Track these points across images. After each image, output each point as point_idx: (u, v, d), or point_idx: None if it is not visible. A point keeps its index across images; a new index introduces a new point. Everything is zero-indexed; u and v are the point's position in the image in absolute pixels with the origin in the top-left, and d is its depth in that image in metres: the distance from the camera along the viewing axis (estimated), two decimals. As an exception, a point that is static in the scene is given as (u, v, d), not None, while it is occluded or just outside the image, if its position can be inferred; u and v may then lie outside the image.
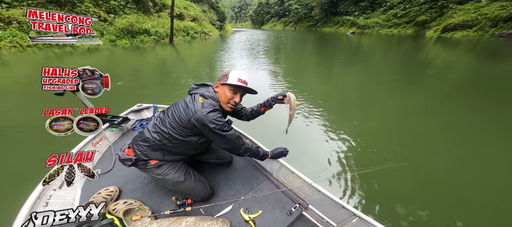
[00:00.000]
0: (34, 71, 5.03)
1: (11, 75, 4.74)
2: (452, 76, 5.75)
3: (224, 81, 0.98)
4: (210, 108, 0.93)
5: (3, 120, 2.63)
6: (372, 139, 2.60)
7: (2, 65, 5.51)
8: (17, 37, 7.63)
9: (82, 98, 1.36)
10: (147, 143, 1.01)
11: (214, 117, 0.92)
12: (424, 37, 19.75)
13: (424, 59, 8.43)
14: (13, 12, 7.87)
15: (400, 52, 10.92)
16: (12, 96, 3.54)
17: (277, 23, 62.37)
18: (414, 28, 24.50)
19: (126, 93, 4.00)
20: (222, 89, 1.00)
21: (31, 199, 0.90)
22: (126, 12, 12.29)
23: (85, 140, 1.39)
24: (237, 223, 1.03)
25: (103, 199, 1.03)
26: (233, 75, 0.98)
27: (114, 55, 8.15)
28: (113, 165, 1.36)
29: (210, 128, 0.92)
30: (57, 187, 1.06)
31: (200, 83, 1.06)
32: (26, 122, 2.62)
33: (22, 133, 2.38)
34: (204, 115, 0.90)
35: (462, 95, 4.29)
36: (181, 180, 1.07)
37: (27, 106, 3.13)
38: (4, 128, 2.46)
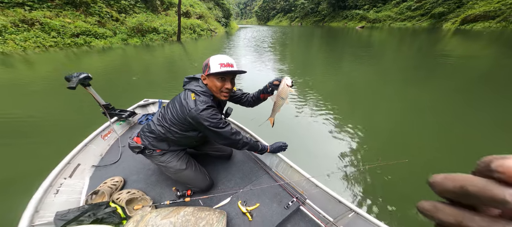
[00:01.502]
0: (55, 69, 5.33)
1: (35, 74, 5.07)
2: (474, 70, 5.28)
3: (207, 72, 0.91)
4: (204, 105, 0.90)
5: (27, 113, 2.85)
6: (377, 135, 2.49)
7: (28, 64, 5.90)
8: (40, 38, 8.09)
9: (93, 93, 1.44)
10: (154, 134, 1.05)
11: (208, 115, 0.90)
12: (440, 30, 18.27)
13: (442, 51, 7.83)
14: (35, 14, 8.31)
15: (415, 45, 10.18)
16: (36, 93, 3.80)
17: (283, 19, 60.67)
18: (430, 20, 22.77)
19: (135, 89, 4.14)
20: (210, 80, 0.94)
21: (43, 186, 0.97)
22: (136, 11, 12.53)
23: (95, 132, 1.46)
24: (234, 215, 1.05)
25: (109, 188, 1.09)
26: (214, 63, 0.89)
27: (127, 54, 8.41)
28: (120, 156, 1.42)
29: (205, 125, 0.92)
30: (68, 176, 1.13)
31: (191, 76, 1.03)
32: (46, 116, 2.81)
33: (40, 126, 2.56)
34: (198, 113, 0.89)
35: (485, 91, 3.88)
36: (183, 168, 1.10)
37: (50, 101, 3.35)
38: (25, 121, 2.65)
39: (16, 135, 2.35)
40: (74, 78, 1.25)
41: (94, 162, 1.34)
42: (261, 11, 73.59)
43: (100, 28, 9.96)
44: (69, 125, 2.56)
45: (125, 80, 4.84)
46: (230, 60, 0.94)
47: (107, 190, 1.08)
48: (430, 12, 22.90)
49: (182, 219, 0.90)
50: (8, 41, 7.35)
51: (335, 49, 10.00)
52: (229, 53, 9.11)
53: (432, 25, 21.71)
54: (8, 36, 7.45)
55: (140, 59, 7.44)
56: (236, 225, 1.00)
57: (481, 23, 16.93)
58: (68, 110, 3.00)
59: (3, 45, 7.17)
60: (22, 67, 5.55)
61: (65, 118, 2.79)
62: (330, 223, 0.99)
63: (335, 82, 4.78)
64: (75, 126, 2.49)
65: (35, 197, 0.91)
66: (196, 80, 1.01)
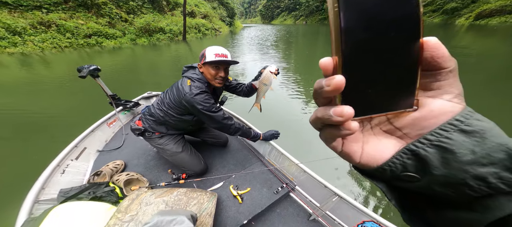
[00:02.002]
0: (70, 68, 5.61)
1: (52, 73, 5.36)
2: (493, 65, 4.96)
3: (203, 61, 0.98)
4: (197, 90, 0.97)
5: (46, 108, 3.03)
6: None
7: (46, 64, 6.25)
8: (56, 39, 8.52)
9: (101, 84, 1.53)
10: (153, 117, 1.12)
11: (201, 99, 0.97)
12: (453, 25, 17.30)
13: (456, 47, 7.39)
14: (51, 16, 8.75)
15: None
16: (52, 90, 4.03)
17: (288, 18, 59.89)
18: (442, 16, 21.59)
19: (141, 84, 4.28)
20: (205, 69, 1.00)
21: (51, 166, 1.04)
22: (143, 12, 12.86)
23: (101, 119, 1.54)
24: (225, 198, 1.07)
25: (110, 170, 1.15)
26: (209, 53, 0.96)
27: (135, 53, 8.68)
28: (123, 143, 1.49)
29: (198, 109, 0.97)
30: (74, 158, 1.20)
31: (189, 65, 1.09)
32: (58, 111, 2.98)
33: (53, 118, 2.71)
34: (192, 97, 0.96)
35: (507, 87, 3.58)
36: (179, 151, 1.15)
37: (65, 97, 3.54)
38: (40, 115, 2.83)
39: (34, 127, 2.51)
40: (85, 69, 1.35)
41: (99, 146, 1.42)
42: (265, 10, 73.00)
43: (110, 29, 10.33)
44: (80, 116, 2.70)
45: (133, 77, 5.02)
46: (225, 51, 1.00)
47: (109, 171, 1.13)
48: (442, 8, 21.72)
49: (175, 198, 0.94)
50: (27, 43, 7.81)
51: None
52: (233, 51, 9.14)
53: (444, 21, 20.57)
54: (28, 37, 7.91)
55: (147, 59, 7.65)
56: (227, 206, 1.03)
57: (497, 18, 15.84)
58: (80, 105, 3.16)
59: (23, 47, 7.62)
60: (40, 67, 5.89)
61: (77, 110, 2.94)
62: (317, 208, 0.99)
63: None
64: (84, 117, 2.62)
65: (43, 176, 0.98)
66: (193, 68, 1.07)
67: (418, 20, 0.13)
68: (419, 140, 0.15)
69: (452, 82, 0.15)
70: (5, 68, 5.54)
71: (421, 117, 0.15)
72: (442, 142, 0.14)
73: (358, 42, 0.13)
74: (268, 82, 0.96)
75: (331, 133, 0.16)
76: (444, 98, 0.15)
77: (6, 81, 4.39)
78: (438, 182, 0.14)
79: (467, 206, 0.14)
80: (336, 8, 0.13)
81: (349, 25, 0.13)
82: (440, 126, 0.14)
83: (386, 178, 0.17)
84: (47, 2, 8.94)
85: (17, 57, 6.74)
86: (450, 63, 0.14)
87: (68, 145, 1.21)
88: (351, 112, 0.14)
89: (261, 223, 0.99)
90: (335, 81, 0.14)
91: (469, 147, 0.13)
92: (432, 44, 0.14)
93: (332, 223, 0.95)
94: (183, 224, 0.70)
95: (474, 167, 0.13)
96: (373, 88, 0.15)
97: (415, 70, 0.14)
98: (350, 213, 0.89)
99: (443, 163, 0.14)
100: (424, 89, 0.15)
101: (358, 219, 0.85)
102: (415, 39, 0.14)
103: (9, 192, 1.47)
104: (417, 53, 0.14)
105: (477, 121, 0.14)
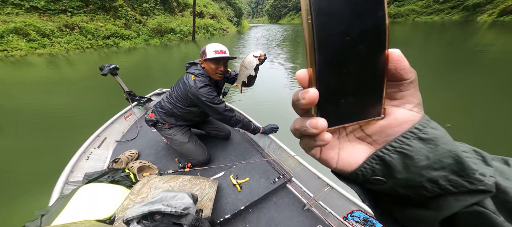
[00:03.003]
0: (89, 67, 6.01)
1: (76, 73, 5.78)
2: None
3: (204, 58, 1.05)
4: (201, 84, 1.05)
5: (71, 105, 3.31)
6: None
7: (70, 63, 6.74)
8: (79, 40, 9.11)
9: (119, 81, 1.69)
10: (164, 110, 1.23)
11: (205, 92, 1.05)
12: (474, 22, 15.82)
13: (478, 45, 6.76)
14: (75, 19, 9.34)
15: (444, 39, 8.88)
16: (75, 87, 4.37)
17: (295, 17, 58.44)
18: (462, 13, 19.78)
19: (153, 81, 4.49)
20: (206, 64, 1.08)
21: (78, 153, 1.18)
22: (155, 13, 13.26)
23: (119, 113, 1.68)
24: (225, 186, 1.15)
25: (126, 158, 1.27)
26: (209, 50, 1.03)
27: (148, 53, 9.04)
28: (137, 134, 1.62)
29: (202, 100, 1.07)
30: (97, 146, 1.35)
31: (192, 62, 1.17)
32: (81, 107, 3.24)
33: (77, 114, 2.96)
34: (197, 90, 1.05)
35: None
36: (185, 141, 1.25)
37: (86, 94, 3.83)
38: (69, 112, 3.09)
39: (61, 119, 2.77)
40: (106, 67, 1.52)
41: (117, 137, 1.56)
42: (272, 10, 71.76)
43: (126, 30, 10.81)
44: (99, 109, 2.93)
45: (146, 73, 5.27)
46: (223, 47, 1.06)
47: (125, 159, 1.26)
48: (463, 4, 19.92)
49: (180, 184, 1.03)
50: (55, 44, 8.43)
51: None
52: (238, 52, 9.19)
53: (465, 18, 18.86)
54: (55, 39, 8.53)
55: (159, 58, 7.95)
56: (226, 194, 1.10)
57: (524, 13, 14.21)
58: (100, 99, 3.42)
59: (51, 48, 8.24)
60: (65, 66, 6.36)
61: (97, 104, 3.19)
62: (311, 198, 1.03)
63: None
64: (103, 110, 2.83)
65: (72, 161, 1.12)
66: (195, 64, 1.15)
67: (384, 31, 0.14)
68: (385, 147, 0.16)
69: (412, 92, 0.16)
70: (34, 67, 6.05)
71: (387, 124, 0.16)
72: (404, 148, 0.15)
73: (331, 55, 0.14)
74: (249, 66, 0.96)
75: (308, 143, 0.17)
76: (406, 107, 0.16)
77: (35, 80, 4.82)
78: (401, 185, 0.15)
79: (424, 205, 0.15)
80: (309, 21, 0.13)
81: (322, 37, 0.13)
82: (403, 133, 0.15)
83: (359, 181, 0.17)
84: (71, 6, 9.54)
85: (45, 57, 7.32)
86: (411, 74, 0.15)
87: (92, 135, 1.35)
88: (325, 124, 0.15)
89: (258, 210, 1.05)
90: (309, 95, 0.14)
91: (425, 153, 0.14)
92: (396, 56, 0.15)
93: (324, 213, 0.98)
94: (184, 199, 0.78)
95: (429, 171, 0.14)
96: (346, 98, 0.15)
97: (382, 81, 0.15)
98: (340, 202, 0.92)
99: (404, 168, 0.15)
100: (390, 98, 0.16)
101: (348, 208, 0.88)
102: (382, 51, 0.14)
103: (44, 176, 1.66)
104: (384, 65, 0.15)
105: (432, 129, 0.15)
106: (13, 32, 7.54)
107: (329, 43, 0.13)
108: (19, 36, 7.67)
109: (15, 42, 7.47)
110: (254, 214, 1.03)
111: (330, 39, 0.13)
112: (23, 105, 3.17)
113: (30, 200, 1.43)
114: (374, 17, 0.13)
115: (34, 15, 8.52)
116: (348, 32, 0.13)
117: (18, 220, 0.89)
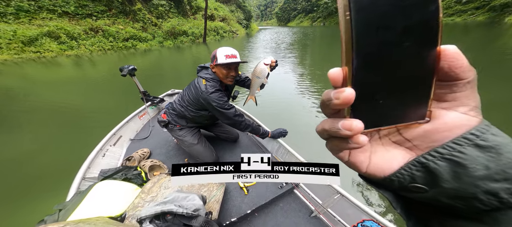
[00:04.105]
0: (110, 68, 6.38)
1: (97, 73, 6.17)
2: None
3: (215, 63, 1.02)
4: (212, 89, 1.04)
5: (91, 102, 3.52)
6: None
7: (92, 64, 7.22)
8: (102, 42, 9.75)
9: (136, 81, 1.77)
10: (175, 111, 1.24)
11: (216, 97, 1.04)
12: (501, 23, 14.37)
13: (507, 47, 6.17)
14: (99, 23, 10.01)
15: (467, 41, 8.18)
16: (96, 87, 4.65)
17: (304, 19, 57.43)
18: (488, 14, 18.11)
19: (167, 82, 4.65)
20: (218, 69, 1.06)
21: (95, 150, 1.23)
22: (169, 17, 13.79)
23: (134, 113, 1.74)
24: (232, 188, 1.13)
25: (139, 157, 1.30)
26: (220, 55, 1.00)
27: (162, 54, 9.41)
28: (150, 133, 1.66)
29: (213, 106, 1.05)
30: (112, 144, 1.40)
31: (202, 65, 1.15)
32: (99, 105, 3.43)
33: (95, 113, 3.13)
34: (208, 95, 1.04)
35: None
36: (195, 143, 1.25)
37: (109, 92, 4.06)
38: (88, 109, 3.29)
39: (81, 117, 2.95)
40: (125, 69, 1.61)
41: (131, 135, 1.61)
42: (281, 13, 71.25)
43: (143, 33, 11.37)
44: (117, 108, 3.08)
45: (159, 73, 5.48)
46: (234, 51, 1.03)
47: (138, 157, 1.28)
48: (489, 4, 18.21)
49: (189, 184, 1.01)
50: (81, 46, 9.10)
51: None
52: (248, 54, 9.21)
53: (491, 19, 17.17)
54: (81, 41, 9.21)
55: (172, 59, 8.24)
56: (233, 196, 1.07)
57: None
58: (119, 97, 3.60)
59: (77, 50, 8.91)
60: (88, 67, 6.83)
61: (115, 102, 3.35)
62: (319, 205, 0.98)
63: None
64: (119, 108, 2.97)
65: (89, 158, 1.16)
66: (206, 68, 1.13)
67: (437, 27, 0.12)
68: (429, 153, 0.14)
69: (469, 94, 0.14)
70: (62, 67, 6.56)
71: (433, 129, 0.14)
72: (455, 156, 0.13)
73: (370, 53, 0.12)
74: (261, 75, 0.90)
75: (338, 145, 0.15)
76: (459, 110, 0.14)
77: (62, 79, 5.21)
78: (447, 195, 0.13)
79: (475, 217, 0.13)
80: (348, 16, 0.12)
81: (361, 34, 0.12)
82: (453, 139, 0.13)
83: (392, 188, 0.16)
84: (96, 10, 10.25)
85: (72, 59, 7.91)
86: (469, 74, 0.13)
87: (108, 133, 1.40)
88: (361, 126, 0.13)
89: (264, 215, 1.01)
90: (345, 95, 0.13)
91: (483, 162, 0.12)
92: (451, 53, 0.13)
93: (332, 221, 0.93)
94: (195, 201, 0.77)
95: (487, 182, 0.12)
96: (385, 100, 0.14)
97: (430, 81, 0.13)
98: (350, 211, 0.86)
99: (453, 177, 0.13)
100: (437, 100, 0.14)
101: (358, 218, 0.82)
102: (432, 48, 0.12)
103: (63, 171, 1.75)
104: (434, 63, 0.13)
105: (493, 136, 0.13)
106: (46, 35, 8.26)
107: (369, 41, 0.12)
108: (51, 39, 8.39)
109: (47, 44, 8.18)
110: (260, 219, 1.00)
111: (371, 36, 0.12)
112: (49, 103, 3.43)
113: (51, 192, 1.51)
114: (424, 11, 0.12)
115: (64, 20, 9.27)
116: (392, 28, 0.12)
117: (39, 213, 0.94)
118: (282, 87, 4.15)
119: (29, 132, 2.53)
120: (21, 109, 3.21)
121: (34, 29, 8.13)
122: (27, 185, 1.65)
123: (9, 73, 5.73)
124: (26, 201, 1.50)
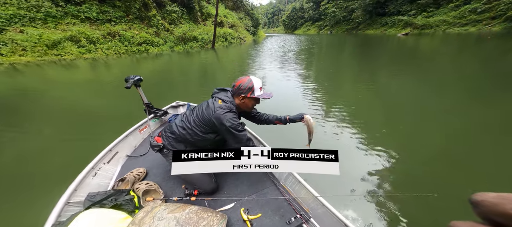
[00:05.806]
0: (124, 71, 6.56)
1: (111, 75, 6.37)
2: None
3: (250, 95, 1.01)
4: (228, 109, 1.01)
5: (101, 106, 3.55)
6: (414, 158, 1.94)
7: (107, 67, 7.51)
8: (117, 47, 10.20)
9: (140, 93, 1.65)
10: (174, 135, 1.11)
11: (231, 117, 0.99)
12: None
13: None
14: (117, 28, 10.53)
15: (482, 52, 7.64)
16: (108, 89, 4.75)
17: (311, 27, 57.57)
18: (505, 24, 17.07)
19: (172, 90, 4.64)
20: (248, 100, 1.04)
21: (86, 169, 1.10)
22: (181, 22, 14.28)
23: (135, 126, 1.63)
24: (235, 221, 0.97)
25: (133, 177, 1.17)
26: (257, 87, 1.02)
27: (172, 59, 9.64)
28: (148, 150, 1.53)
29: (226, 126, 0.98)
30: (106, 162, 1.27)
31: (221, 88, 1.12)
32: (105, 111, 3.43)
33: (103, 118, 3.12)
34: (222, 114, 0.98)
35: None
36: None
37: (119, 95, 4.11)
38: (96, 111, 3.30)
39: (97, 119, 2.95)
40: (130, 79, 1.47)
41: (128, 151, 1.48)
42: (288, 20, 72.03)
43: (156, 38, 11.81)
44: (124, 111, 3.05)
45: (166, 80, 5.53)
46: (262, 84, 1.06)
47: (132, 178, 1.15)
48: (505, 14, 17.21)
49: (186, 216, 0.86)
50: (98, 50, 9.56)
51: (371, 58, 8.67)
52: (253, 62, 9.18)
53: (507, 29, 16.16)
54: (99, 45, 9.68)
55: (181, 64, 8.38)
56: None
57: None
58: (129, 102, 3.60)
59: (95, 53, 9.36)
60: (103, 69, 7.09)
61: (122, 106, 3.35)
62: None
63: (371, 95, 3.89)
64: (125, 115, 2.93)
65: (78, 178, 1.02)
66: (225, 91, 1.08)
67: None
68: None
69: None
70: (79, 70, 6.85)
71: None
72: None
73: None
74: (314, 125, 1.10)
75: None
76: None
77: (78, 81, 5.39)
78: None
79: None
80: None
81: None
82: None
83: None
84: (115, 16, 10.83)
85: (89, 61, 8.28)
86: None
87: (104, 149, 1.28)
88: None
89: None
90: None
91: None
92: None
93: None
94: None
95: None
96: None
97: None
98: None
99: None
100: None
101: None
102: None
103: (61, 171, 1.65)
104: None
105: None
106: (68, 39, 8.78)
107: None
108: (72, 42, 8.89)
109: (68, 48, 8.66)
110: None
111: None
112: (64, 103, 3.49)
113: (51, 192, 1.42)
114: None
115: (86, 25, 9.85)
116: None
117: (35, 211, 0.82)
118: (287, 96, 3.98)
119: (38, 131, 2.54)
120: (35, 109, 3.29)
121: (59, 34, 8.67)
122: (27, 185, 1.60)
123: (30, 74, 6.05)
124: (26, 200, 1.45)
